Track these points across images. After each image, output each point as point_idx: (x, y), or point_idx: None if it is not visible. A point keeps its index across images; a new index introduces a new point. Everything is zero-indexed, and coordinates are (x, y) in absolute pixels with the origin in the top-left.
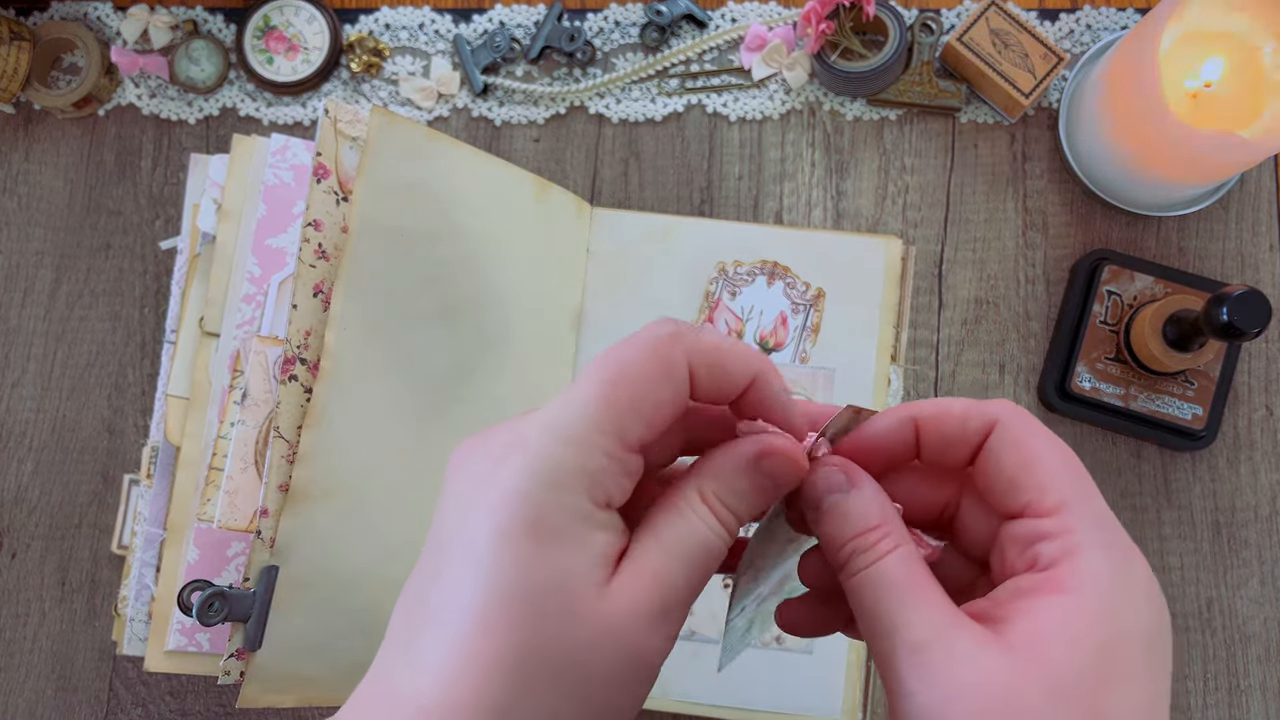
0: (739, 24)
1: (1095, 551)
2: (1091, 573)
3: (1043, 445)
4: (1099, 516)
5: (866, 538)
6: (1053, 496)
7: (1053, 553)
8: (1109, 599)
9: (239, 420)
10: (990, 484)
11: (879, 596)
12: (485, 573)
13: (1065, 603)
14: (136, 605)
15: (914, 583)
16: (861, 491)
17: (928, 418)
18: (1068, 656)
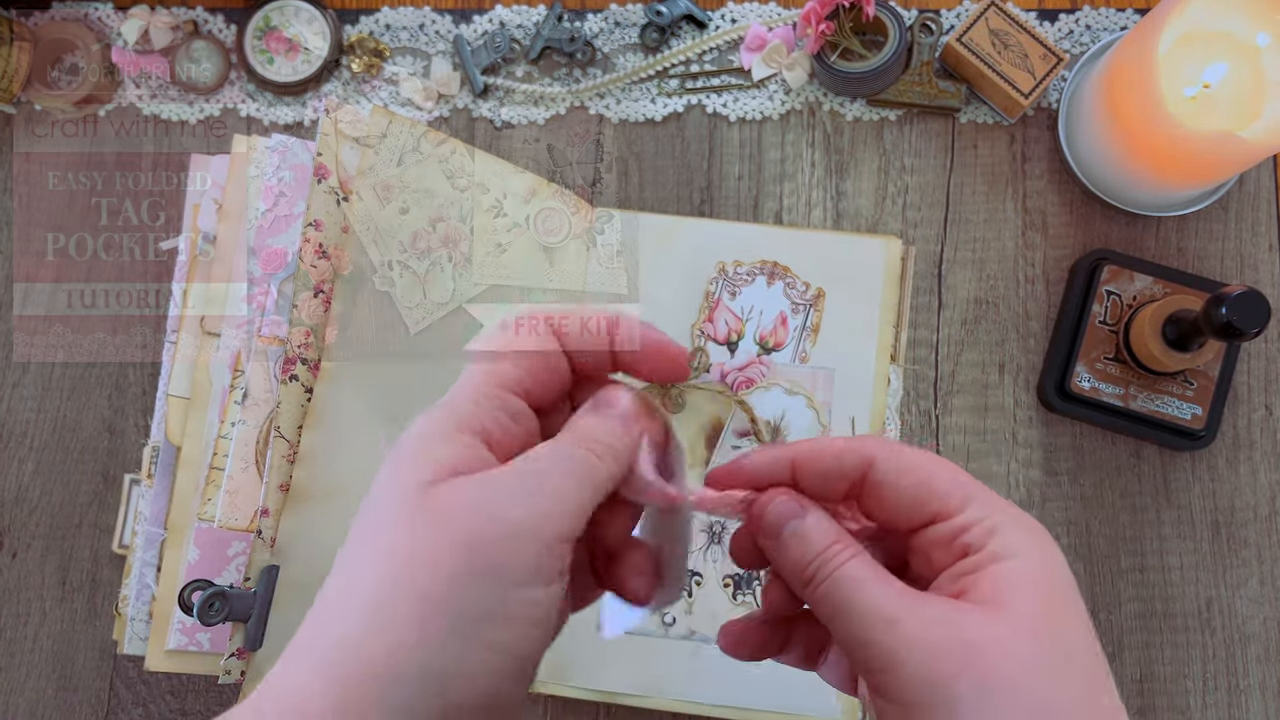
0: (739, 24)
1: (1010, 526)
2: (1017, 542)
3: (927, 462)
4: (996, 500)
5: (828, 551)
6: (956, 497)
7: (978, 537)
8: (1039, 558)
9: (240, 420)
10: (892, 509)
11: (847, 592)
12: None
13: (1008, 567)
14: (137, 605)
15: (876, 574)
16: (814, 514)
17: (804, 457)
18: (1028, 605)
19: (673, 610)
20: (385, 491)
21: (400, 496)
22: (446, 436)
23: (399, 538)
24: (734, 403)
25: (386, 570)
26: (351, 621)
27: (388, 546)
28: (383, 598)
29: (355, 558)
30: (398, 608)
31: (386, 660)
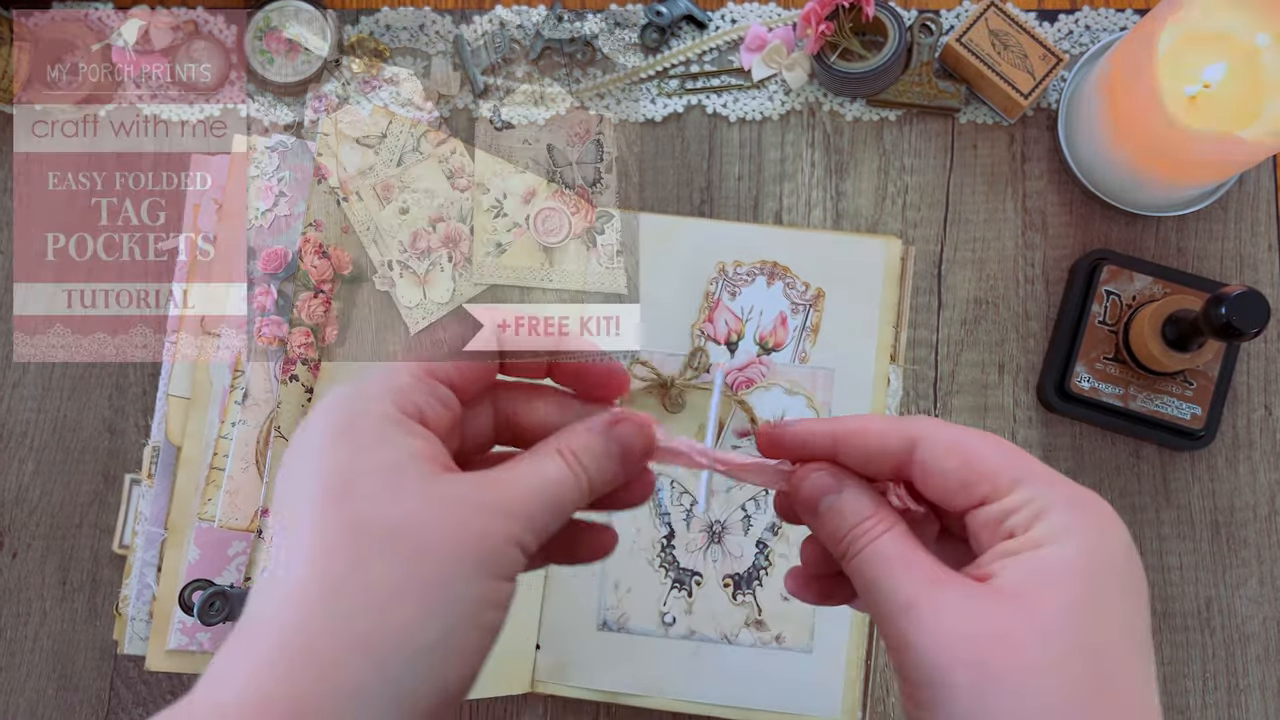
0: (739, 25)
1: (1060, 508)
2: (1063, 526)
3: (974, 441)
4: (1050, 479)
5: (861, 526)
6: (1005, 479)
7: (1023, 521)
8: (1082, 545)
9: (240, 420)
10: (941, 492)
11: (874, 570)
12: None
13: (1043, 554)
14: (137, 605)
15: (904, 554)
16: (851, 489)
17: (846, 434)
18: (1052, 598)
19: (672, 610)
20: (362, 470)
21: (392, 480)
22: (402, 423)
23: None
24: (734, 403)
25: (383, 551)
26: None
27: (384, 527)
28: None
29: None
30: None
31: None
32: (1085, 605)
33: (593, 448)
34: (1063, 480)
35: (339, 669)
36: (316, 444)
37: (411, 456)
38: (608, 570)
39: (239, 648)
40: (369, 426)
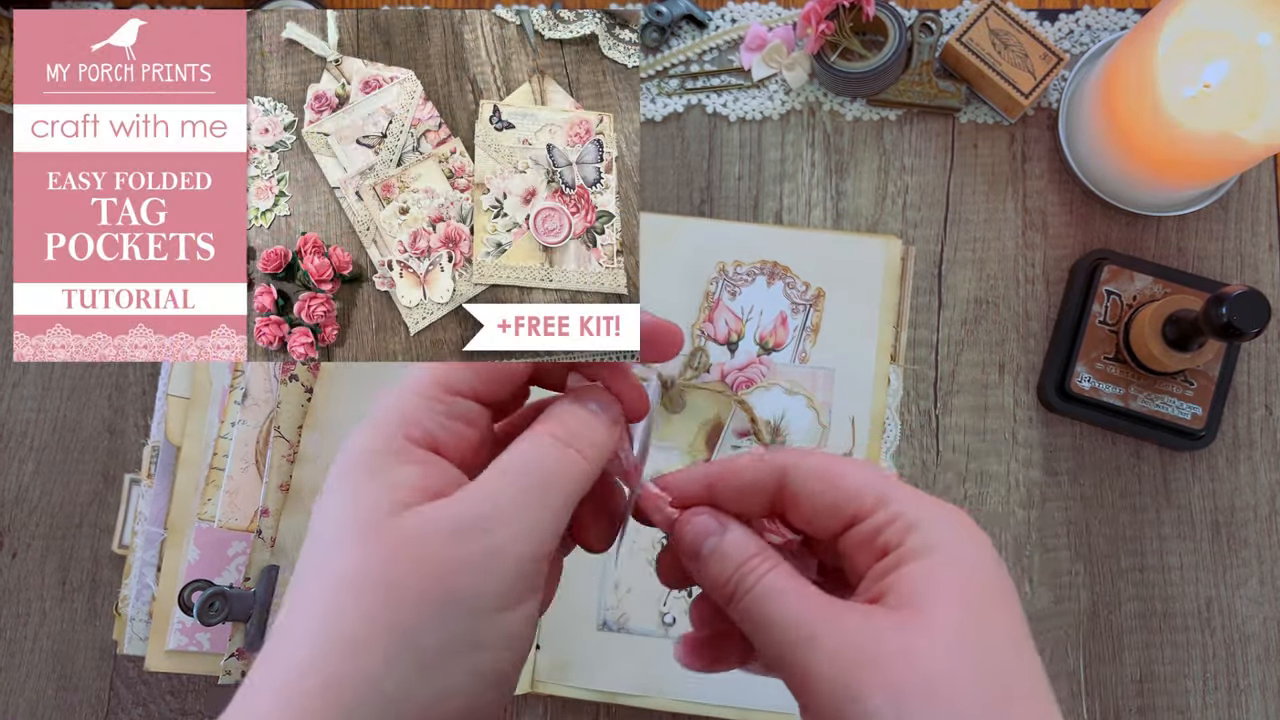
0: (739, 24)
1: (928, 520)
2: (936, 536)
3: (837, 465)
4: (914, 495)
5: (746, 566)
6: (870, 496)
7: (895, 535)
8: (958, 552)
9: (239, 420)
10: (812, 516)
11: (767, 606)
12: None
13: (925, 565)
14: (137, 605)
15: (793, 588)
16: (733, 531)
17: (718, 476)
18: (945, 607)
19: (673, 611)
20: (344, 519)
21: (363, 526)
22: (399, 453)
23: (365, 566)
24: (734, 403)
25: (351, 602)
26: (315, 653)
27: (352, 576)
28: (347, 630)
29: (316, 588)
30: (364, 640)
31: (353, 692)
32: (976, 610)
33: (578, 417)
34: (925, 495)
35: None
36: (326, 489)
37: (392, 497)
38: (607, 571)
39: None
40: (366, 464)
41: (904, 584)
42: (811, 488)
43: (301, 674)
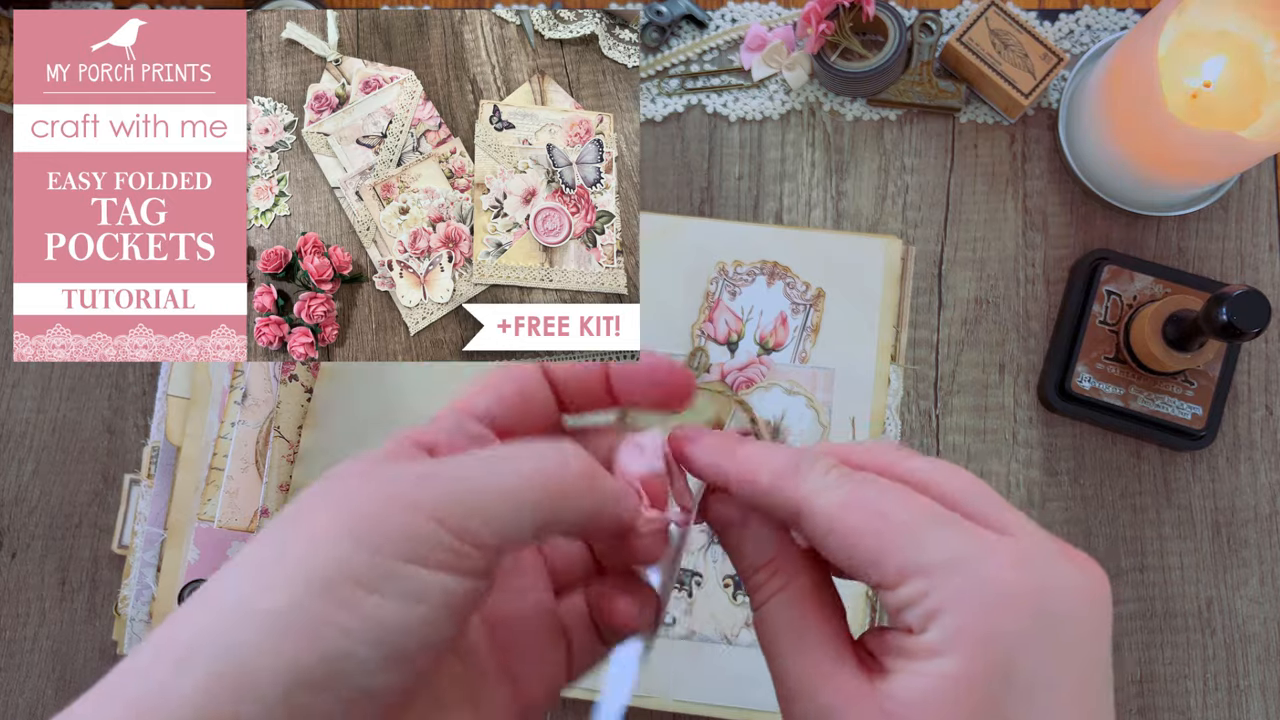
0: (739, 24)
1: (953, 608)
2: (956, 631)
3: (855, 518)
4: (943, 560)
5: (759, 576)
6: (891, 569)
7: (918, 620)
8: (971, 659)
9: (239, 420)
10: (832, 559)
11: (767, 631)
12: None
13: (934, 668)
14: (137, 605)
15: (797, 628)
16: (753, 527)
17: (738, 479)
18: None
19: (672, 610)
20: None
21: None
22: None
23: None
24: (734, 403)
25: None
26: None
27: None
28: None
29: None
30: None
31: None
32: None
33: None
34: (967, 556)
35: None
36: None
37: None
38: None
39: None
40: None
41: (909, 682)
42: (826, 544)
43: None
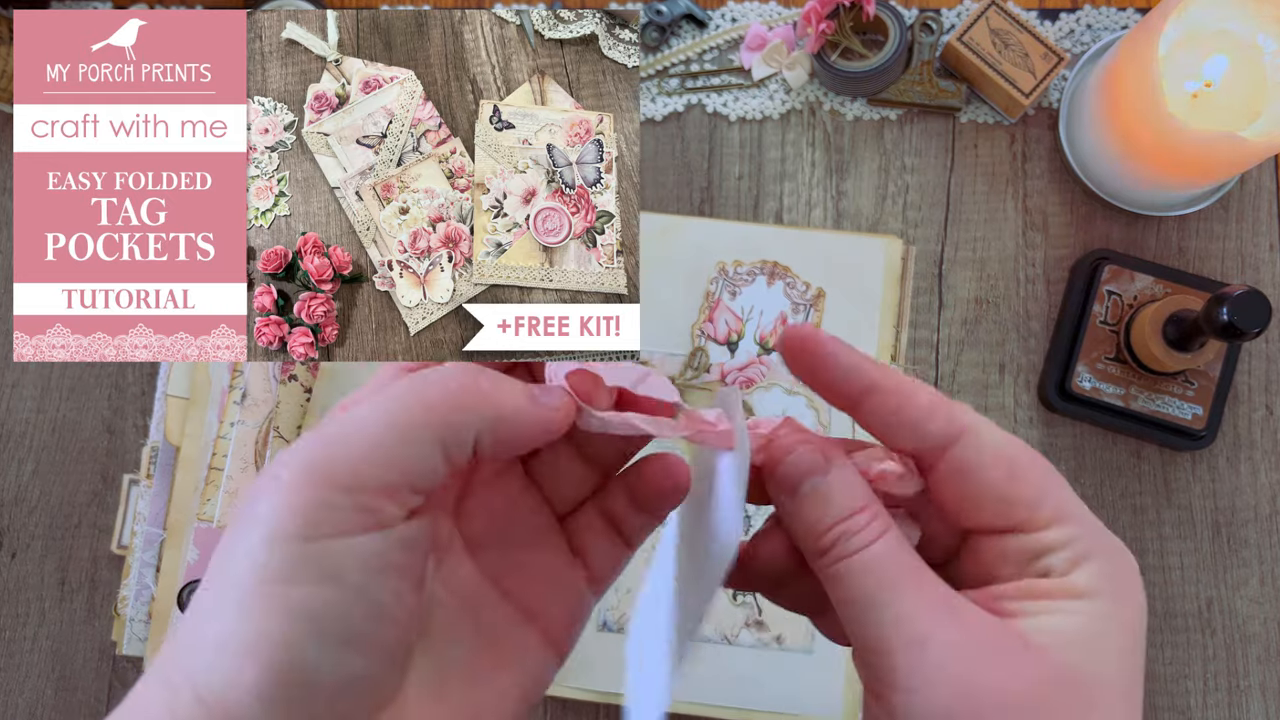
0: (739, 24)
1: (1100, 557)
2: (1105, 578)
3: (1023, 457)
4: (1090, 522)
5: (852, 521)
6: (1047, 509)
7: (1062, 563)
8: (1123, 605)
9: (239, 420)
10: (969, 502)
11: (871, 584)
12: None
13: (1086, 609)
14: (136, 605)
15: (909, 569)
16: (842, 472)
17: (885, 390)
18: (1099, 673)
19: None
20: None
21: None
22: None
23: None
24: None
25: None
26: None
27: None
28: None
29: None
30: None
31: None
32: (1126, 682)
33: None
34: (1100, 525)
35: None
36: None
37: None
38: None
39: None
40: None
41: (1055, 622)
42: (989, 472)
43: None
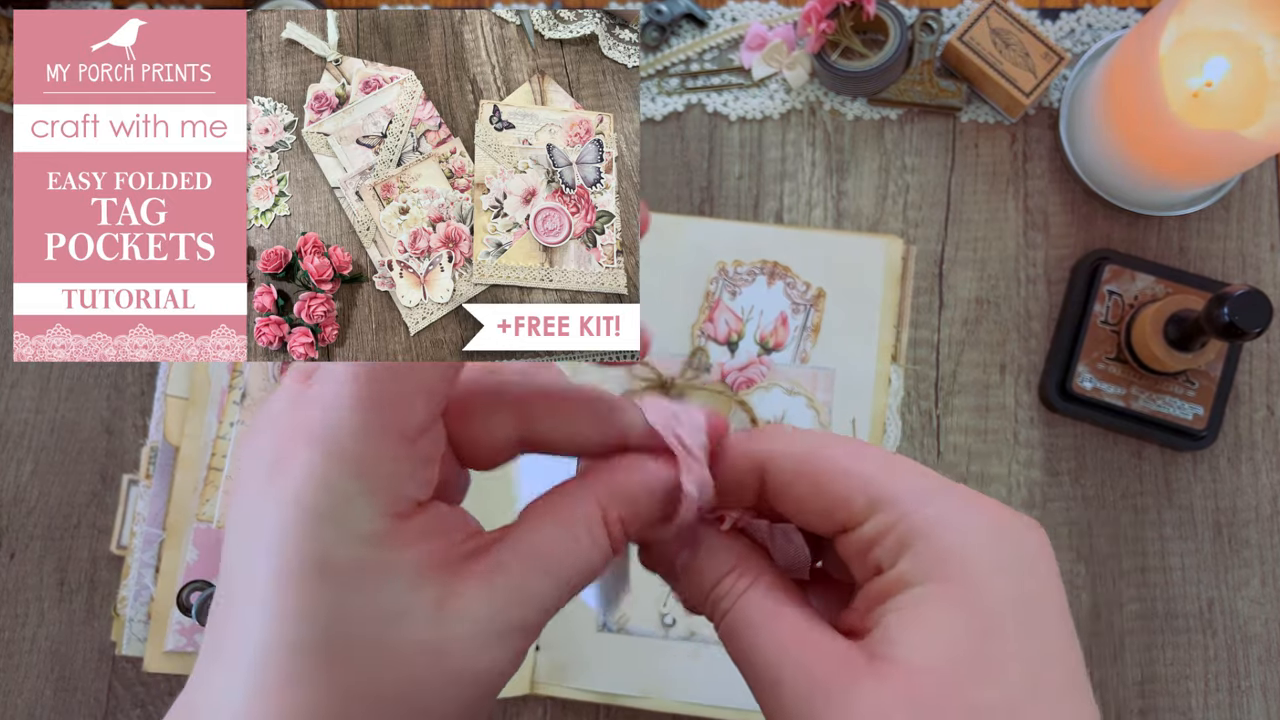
0: (739, 23)
1: (925, 535)
2: (932, 559)
3: (826, 454)
4: (916, 494)
5: (722, 585)
6: (860, 501)
7: (888, 553)
8: (953, 582)
9: (238, 420)
10: (800, 520)
11: (739, 637)
12: (275, 621)
13: (915, 598)
14: (135, 605)
15: (769, 616)
16: (706, 545)
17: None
18: (929, 666)
19: (673, 611)
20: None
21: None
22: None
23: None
24: (734, 403)
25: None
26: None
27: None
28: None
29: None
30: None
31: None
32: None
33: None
34: (934, 490)
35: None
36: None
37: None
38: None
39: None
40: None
41: (887, 622)
42: (794, 490)
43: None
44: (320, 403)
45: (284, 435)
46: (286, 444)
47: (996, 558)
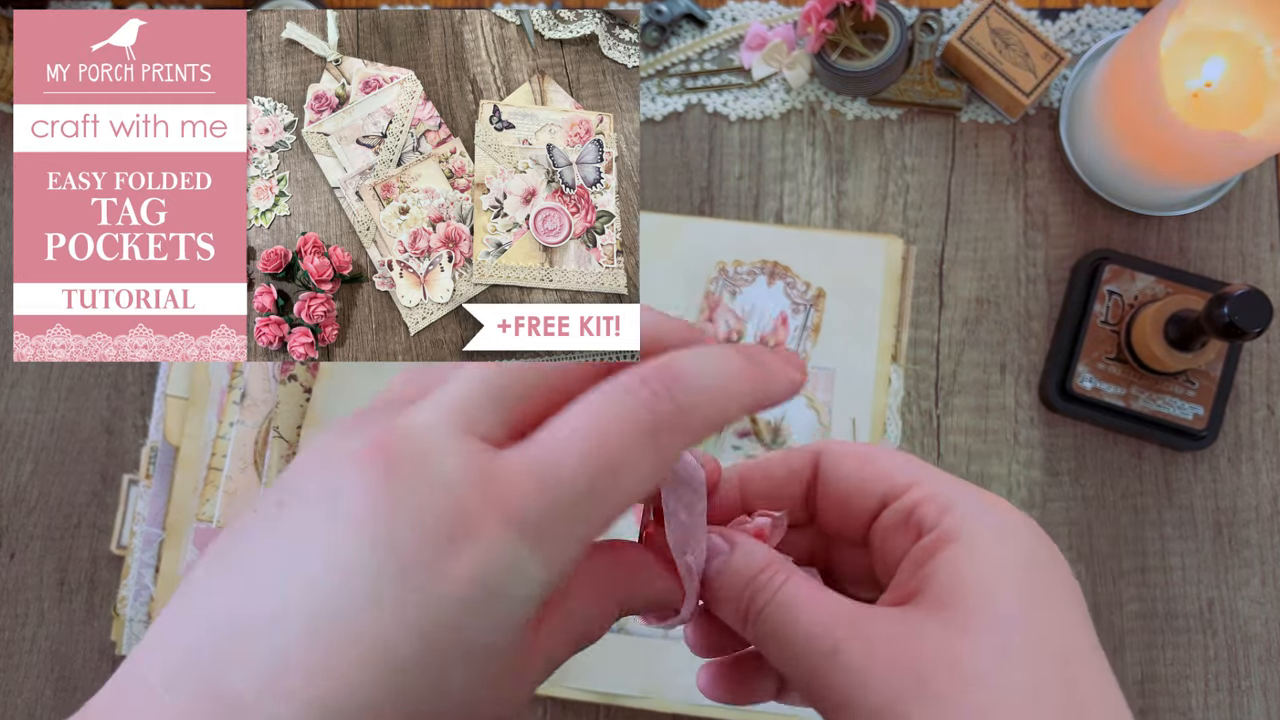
0: (739, 23)
1: (967, 500)
2: (976, 517)
3: (870, 449)
4: (947, 477)
5: (758, 580)
6: (904, 474)
7: (931, 514)
8: (999, 533)
9: (238, 420)
10: (843, 502)
11: (782, 623)
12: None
13: (967, 548)
14: (135, 605)
15: (812, 595)
16: (741, 545)
17: (747, 470)
18: (993, 601)
19: None
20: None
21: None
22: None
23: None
24: None
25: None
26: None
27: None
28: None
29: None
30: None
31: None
32: (1034, 604)
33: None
34: (961, 481)
35: None
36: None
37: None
38: None
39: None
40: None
41: (943, 573)
42: (843, 468)
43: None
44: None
45: (471, 503)
46: (476, 515)
47: (1021, 524)
